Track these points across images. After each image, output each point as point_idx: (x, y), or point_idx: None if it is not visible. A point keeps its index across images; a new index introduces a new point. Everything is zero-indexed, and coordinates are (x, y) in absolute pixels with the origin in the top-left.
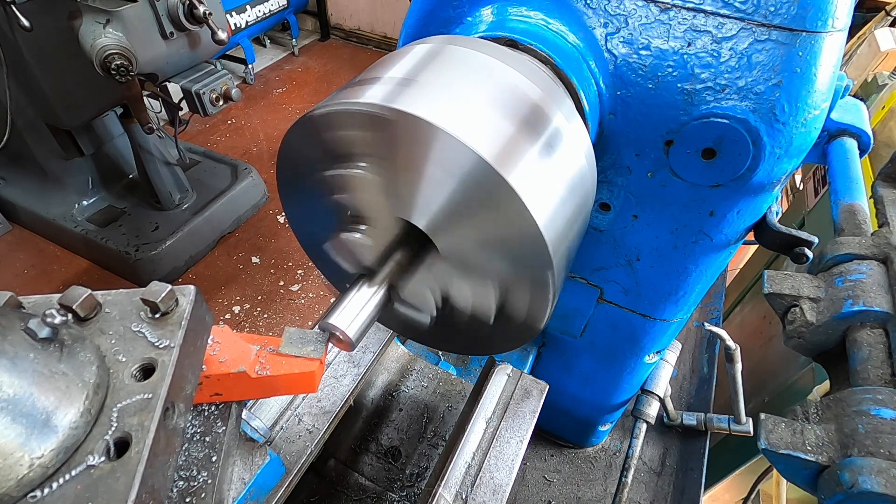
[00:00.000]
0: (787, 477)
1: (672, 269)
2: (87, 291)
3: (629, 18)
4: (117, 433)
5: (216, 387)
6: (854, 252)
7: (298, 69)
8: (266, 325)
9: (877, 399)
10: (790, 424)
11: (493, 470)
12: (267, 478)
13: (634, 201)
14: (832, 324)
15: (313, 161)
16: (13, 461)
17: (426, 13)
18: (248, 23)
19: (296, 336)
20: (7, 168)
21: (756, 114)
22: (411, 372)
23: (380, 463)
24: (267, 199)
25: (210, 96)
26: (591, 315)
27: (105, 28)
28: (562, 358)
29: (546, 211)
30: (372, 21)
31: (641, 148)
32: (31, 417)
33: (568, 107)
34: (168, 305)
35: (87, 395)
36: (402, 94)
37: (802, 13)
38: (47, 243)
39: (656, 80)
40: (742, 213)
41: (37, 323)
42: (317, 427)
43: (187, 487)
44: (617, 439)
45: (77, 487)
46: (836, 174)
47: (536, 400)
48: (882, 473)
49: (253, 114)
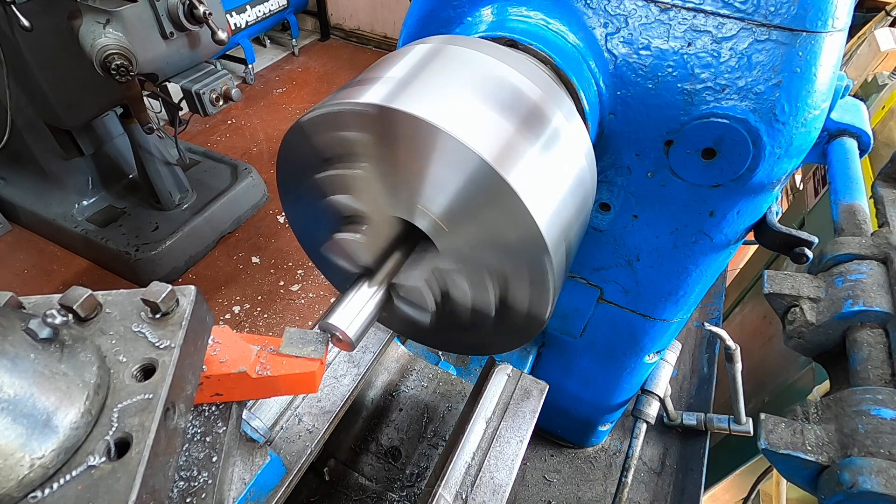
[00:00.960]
0: (787, 477)
1: (672, 269)
2: (88, 292)
3: (629, 18)
4: (118, 433)
5: (217, 387)
6: (854, 252)
7: (298, 69)
8: (266, 325)
9: (877, 399)
10: (790, 424)
11: (493, 470)
12: (267, 478)
13: (634, 201)
14: (832, 324)
15: (313, 162)
16: (14, 461)
17: (426, 13)
18: (248, 23)
19: (296, 336)
20: (7, 168)
21: (756, 114)
22: (411, 372)
23: (380, 463)
24: (267, 199)
25: (210, 96)
26: (591, 315)
27: (105, 28)
28: (562, 358)
29: (546, 211)
30: (372, 21)
31: (641, 148)
32: (32, 418)
33: (568, 107)
34: (169, 306)
35: (87, 396)
36: (401, 95)
37: (802, 13)
38: (47, 243)
39: (656, 80)
40: (742, 213)
41: (37, 323)
42: (317, 427)
43: (188, 488)
44: (617, 439)
45: (78, 488)
46: (836, 174)
47: (536, 400)
48: (882, 473)
49: (253, 114)
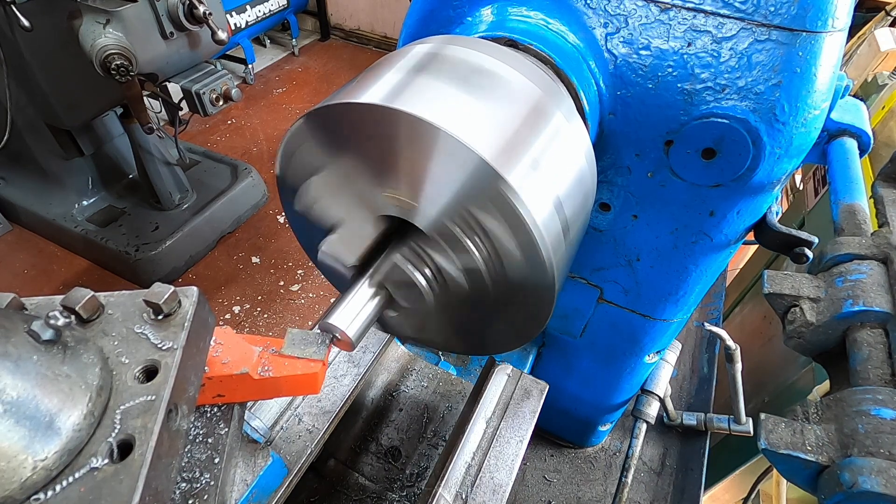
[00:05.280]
0: (787, 477)
1: (672, 269)
2: (90, 293)
3: (629, 18)
4: (120, 435)
5: (219, 388)
6: (854, 252)
7: (298, 69)
8: (266, 326)
9: (877, 399)
10: (790, 424)
11: (493, 470)
12: (269, 479)
13: (634, 201)
14: (832, 324)
15: (312, 162)
16: (17, 464)
17: (426, 13)
18: (248, 23)
19: (298, 337)
20: (7, 168)
21: (756, 114)
22: (411, 372)
23: (380, 463)
24: (267, 199)
25: (210, 96)
26: (591, 315)
27: (105, 28)
28: (562, 358)
29: (546, 211)
30: (372, 21)
31: (641, 148)
32: (35, 420)
33: (568, 107)
34: (171, 307)
35: (90, 398)
36: (401, 94)
37: (802, 13)
38: (47, 243)
39: (656, 80)
40: (742, 213)
41: (40, 325)
42: (317, 427)
43: (190, 489)
44: (617, 439)
45: (80, 490)
46: (836, 174)
47: (536, 400)
48: (882, 473)
49: (253, 114)
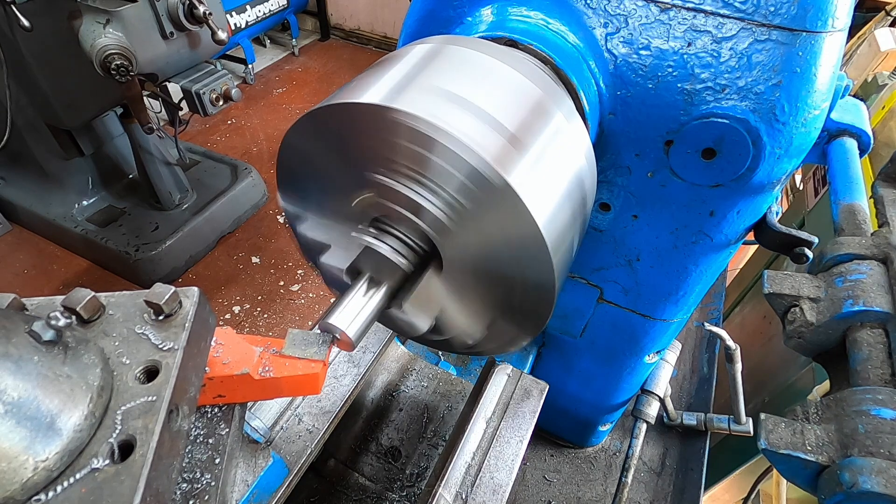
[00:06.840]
0: (787, 477)
1: (672, 269)
2: (91, 293)
3: (629, 18)
4: (121, 436)
5: (219, 389)
6: (854, 252)
7: (298, 69)
8: (266, 326)
9: (877, 399)
10: (790, 424)
11: (493, 470)
12: (270, 480)
13: (634, 201)
14: (832, 324)
15: (311, 162)
16: (17, 464)
17: (426, 13)
18: (248, 23)
19: (299, 338)
20: (7, 168)
21: (756, 114)
22: (411, 372)
23: (380, 463)
24: (267, 199)
25: (210, 96)
26: (591, 315)
27: (105, 28)
28: (562, 358)
29: (546, 211)
30: (372, 21)
31: (641, 148)
32: (36, 420)
33: (568, 107)
34: (172, 307)
35: (91, 398)
36: (402, 95)
37: (802, 13)
38: (47, 243)
39: (656, 80)
40: (742, 213)
41: (41, 325)
42: (317, 427)
43: (191, 490)
44: (617, 439)
45: (81, 490)
46: (836, 174)
47: (536, 400)
48: (882, 473)
49: (253, 114)
